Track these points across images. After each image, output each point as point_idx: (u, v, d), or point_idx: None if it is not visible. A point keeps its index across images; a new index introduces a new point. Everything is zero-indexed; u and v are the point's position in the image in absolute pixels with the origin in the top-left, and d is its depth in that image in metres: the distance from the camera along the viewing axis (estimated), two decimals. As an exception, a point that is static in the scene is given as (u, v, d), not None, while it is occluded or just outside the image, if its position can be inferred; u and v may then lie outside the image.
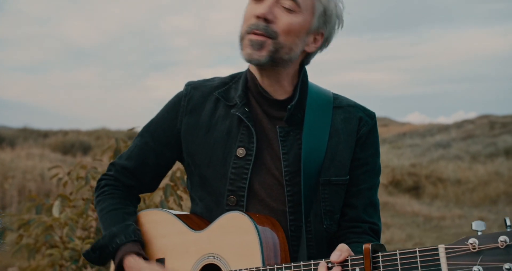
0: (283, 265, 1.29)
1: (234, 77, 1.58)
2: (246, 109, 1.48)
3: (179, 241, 1.48)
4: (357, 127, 1.49)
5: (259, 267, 1.31)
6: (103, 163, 3.24)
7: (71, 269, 2.76)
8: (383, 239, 7.12)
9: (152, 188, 1.69)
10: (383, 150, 20.68)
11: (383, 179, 13.23)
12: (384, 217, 9.28)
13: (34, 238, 2.90)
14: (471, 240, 1.08)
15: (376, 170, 1.54)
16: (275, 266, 1.29)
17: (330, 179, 1.45)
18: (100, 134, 23.48)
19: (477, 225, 1.09)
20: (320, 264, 1.24)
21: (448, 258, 1.09)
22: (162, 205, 3.04)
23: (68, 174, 3.15)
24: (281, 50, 1.41)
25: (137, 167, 1.60)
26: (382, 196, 11.62)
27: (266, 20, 1.40)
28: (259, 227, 1.35)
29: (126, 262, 1.46)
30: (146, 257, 1.49)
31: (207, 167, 1.50)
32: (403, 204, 10.34)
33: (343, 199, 1.48)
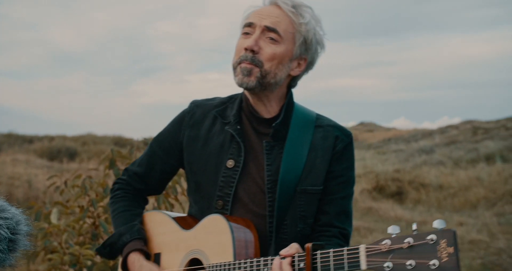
0: (248, 260, 1.52)
1: (231, 98, 1.82)
2: (238, 127, 1.71)
3: (172, 238, 1.75)
4: (333, 144, 1.71)
5: (231, 262, 1.55)
6: (99, 172, 3.40)
7: (70, 273, 2.91)
8: (366, 243, 7.29)
9: (159, 191, 1.97)
10: (368, 155, 20.93)
11: (367, 184, 13.42)
12: (368, 222, 9.47)
13: (33, 244, 3.04)
14: (384, 241, 1.29)
15: (350, 182, 1.75)
16: (242, 261, 1.53)
17: (306, 188, 1.67)
18: (86, 140, 23.40)
19: (392, 229, 1.29)
20: (275, 258, 1.47)
21: (367, 256, 1.31)
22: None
23: (65, 183, 3.29)
24: (267, 76, 1.64)
25: (146, 173, 1.87)
26: (366, 201, 11.80)
27: (252, 51, 1.63)
28: (233, 228, 1.58)
29: (130, 259, 1.73)
30: (147, 252, 1.76)
31: (202, 174, 1.74)
32: (386, 209, 10.52)
33: (316, 206, 1.69)
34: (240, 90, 1.78)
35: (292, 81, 1.76)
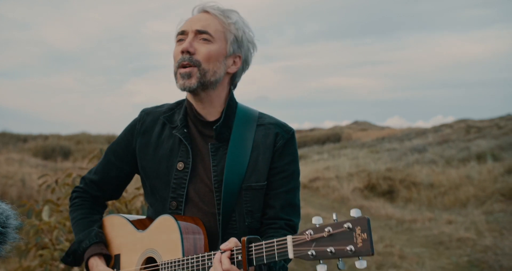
0: (195, 256, 1.63)
1: (179, 104, 1.90)
2: (185, 130, 1.80)
3: (129, 239, 1.84)
4: (274, 141, 1.79)
5: (180, 258, 1.65)
6: (82, 164, 3.48)
7: (60, 268, 2.99)
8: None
9: (116, 196, 2.04)
10: (361, 154, 21.03)
11: (359, 183, 13.52)
12: (359, 220, 9.55)
13: (25, 240, 3.13)
14: (307, 231, 1.39)
15: (293, 176, 1.82)
16: (190, 257, 1.63)
17: (251, 185, 1.75)
18: (80, 139, 23.43)
19: (316, 220, 1.39)
20: (216, 253, 1.56)
21: (293, 246, 1.41)
22: (143, 209, 3.29)
23: (56, 181, 3.38)
24: (207, 74, 1.74)
25: (102, 180, 1.95)
26: (357, 199, 11.90)
27: (189, 52, 1.73)
28: (182, 227, 1.68)
29: (90, 264, 1.83)
30: (108, 254, 1.86)
31: (155, 178, 1.82)
32: (377, 207, 10.62)
33: (262, 200, 1.78)
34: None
35: (232, 80, 1.85)
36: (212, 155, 1.77)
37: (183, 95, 1.90)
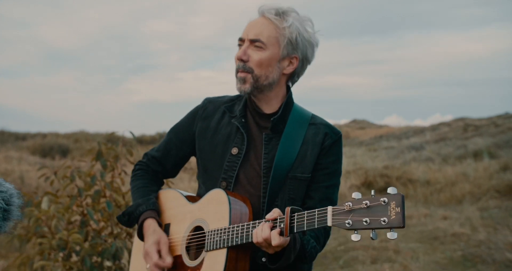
0: (240, 225, 1.78)
1: (239, 96, 2.08)
2: (243, 120, 1.98)
3: (180, 210, 2.02)
4: (322, 140, 1.96)
5: (226, 227, 1.81)
6: (86, 164, 3.57)
7: (59, 257, 3.07)
8: (351, 237, 7.46)
9: (173, 174, 2.22)
10: (359, 152, 21.11)
11: (356, 180, 13.59)
12: (355, 216, 9.63)
13: (25, 229, 3.21)
14: (347, 203, 1.53)
15: (335, 174, 1.98)
16: (235, 225, 1.79)
17: (296, 175, 1.91)
18: (79, 137, 23.47)
19: (355, 195, 1.55)
20: (262, 222, 1.72)
21: (333, 215, 1.56)
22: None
23: (55, 173, 3.46)
24: (259, 79, 1.91)
25: (162, 157, 2.14)
26: (348, 197, 11.96)
27: (243, 60, 1.91)
28: (231, 200, 1.84)
29: (145, 224, 1.98)
30: (159, 221, 2.01)
31: (210, 159, 2.01)
32: (374, 204, 10.68)
33: (304, 191, 1.93)
34: None
35: (290, 78, 2.01)
36: (265, 144, 1.94)
37: (184, 95, 2.03)
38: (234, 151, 1.96)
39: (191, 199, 2.03)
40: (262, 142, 1.95)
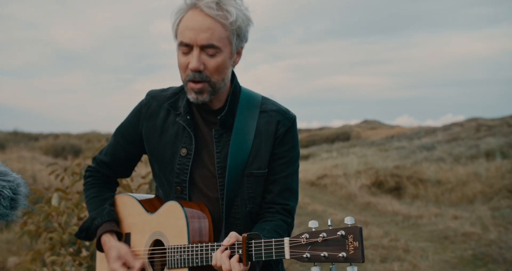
0: (199, 245, 1.70)
1: (183, 88, 1.86)
2: (188, 117, 1.83)
3: (138, 220, 1.93)
4: (275, 129, 1.83)
5: (185, 245, 1.73)
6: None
7: (69, 252, 3.11)
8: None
9: (127, 175, 2.12)
10: (370, 152, 21.01)
11: (367, 180, 13.55)
12: (365, 216, 9.61)
13: (36, 225, 3.26)
14: (303, 235, 1.47)
15: (292, 161, 1.86)
16: (195, 245, 1.71)
17: (252, 172, 1.80)
18: (90, 138, 23.64)
19: (312, 223, 1.47)
20: (218, 250, 1.62)
21: (290, 247, 1.49)
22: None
23: (65, 170, 3.50)
24: (216, 85, 1.75)
25: (111, 161, 2.02)
26: (365, 196, 11.94)
27: (199, 71, 1.72)
28: (188, 214, 1.75)
29: (102, 240, 1.90)
30: (119, 231, 1.93)
31: (160, 162, 1.88)
32: (384, 204, 10.66)
33: (262, 187, 1.82)
34: None
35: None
36: (216, 141, 1.80)
37: None
38: (183, 152, 1.83)
39: (148, 207, 1.93)
40: (212, 140, 1.82)
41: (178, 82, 1.88)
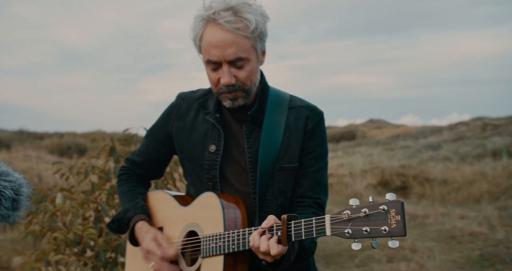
0: (236, 231, 1.73)
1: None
2: (217, 115, 1.89)
3: (172, 214, 1.96)
4: (304, 124, 1.87)
5: (221, 233, 1.76)
6: (100, 160, 3.60)
7: (73, 252, 3.09)
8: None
9: (158, 175, 2.18)
10: (375, 151, 20.95)
11: (373, 179, 13.50)
12: (371, 215, 9.55)
13: (40, 225, 3.24)
14: (345, 211, 1.48)
15: (321, 156, 1.90)
16: (231, 231, 1.74)
17: (283, 166, 1.84)
18: (95, 137, 23.68)
19: (353, 201, 1.49)
20: (255, 231, 1.66)
21: (331, 224, 1.50)
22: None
23: (70, 169, 3.48)
24: (250, 90, 1.82)
25: (143, 161, 2.09)
26: (371, 195, 11.88)
27: (232, 84, 1.78)
28: (224, 204, 1.78)
29: (137, 226, 1.93)
30: (151, 224, 1.96)
31: (191, 160, 1.94)
32: (390, 203, 10.59)
33: (293, 181, 1.86)
34: None
35: None
36: (247, 137, 1.86)
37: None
38: (212, 148, 1.88)
39: (182, 201, 1.97)
40: (243, 136, 1.87)
41: (178, 82, 1.90)
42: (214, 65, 1.77)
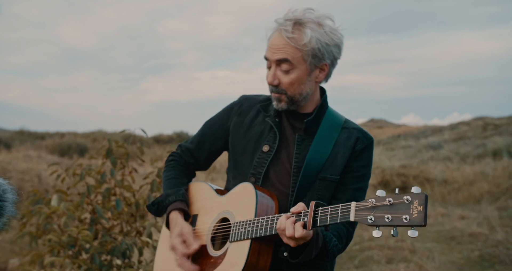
0: (265, 217, 1.82)
1: None
2: (277, 119, 2.03)
3: (209, 202, 2.07)
4: (354, 144, 1.98)
5: (251, 219, 1.85)
6: (99, 161, 3.59)
7: (68, 254, 3.07)
8: (368, 236, 7.38)
9: (205, 166, 2.27)
10: (376, 151, 20.89)
11: (373, 179, 13.45)
12: (371, 216, 9.54)
13: (35, 227, 3.22)
14: (370, 199, 1.55)
15: (364, 177, 2.00)
16: (260, 218, 1.83)
17: (326, 176, 1.95)
18: (96, 137, 23.65)
19: (379, 192, 1.54)
20: (283, 215, 1.75)
21: (356, 210, 1.57)
22: (149, 197, 3.37)
23: (66, 171, 3.46)
24: (294, 97, 1.94)
25: (196, 149, 2.20)
26: (370, 195, 11.84)
27: (274, 85, 1.94)
28: (258, 194, 1.89)
29: (171, 216, 2.05)
30: (187, 212, 2.07)
31: (241, 154, 2.06)
32: (390, 203, 10.56)
33: (331, 192, 1.96)
34: None
35: (324, 81, 2.02)
36: (297, 144, 1.98)
37: (200, 94, 2.02)
38: (265, 148, 2.00)
39: (220, 192, 2.07)
40: (294, 142, 1.98)
41: (180, 82, 1.93)
42: (267, 62, 1.95)
